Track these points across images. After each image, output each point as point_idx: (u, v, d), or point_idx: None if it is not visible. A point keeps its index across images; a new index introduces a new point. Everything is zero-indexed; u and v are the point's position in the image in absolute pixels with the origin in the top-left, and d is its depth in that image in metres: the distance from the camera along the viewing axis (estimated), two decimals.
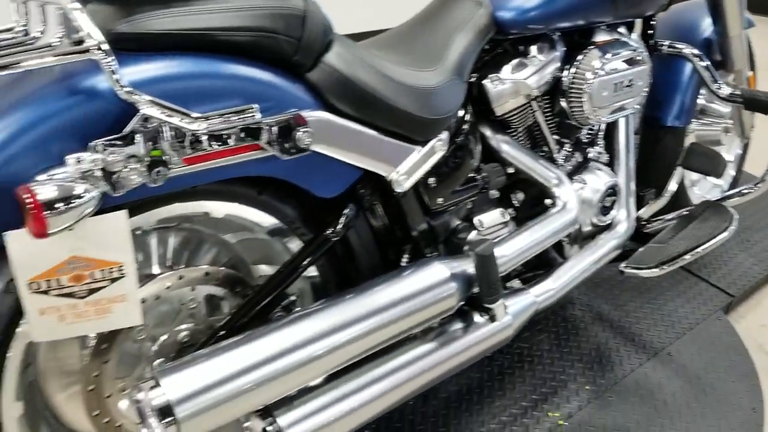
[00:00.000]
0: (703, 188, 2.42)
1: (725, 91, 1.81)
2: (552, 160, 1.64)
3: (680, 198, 2.14)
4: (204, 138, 0.94)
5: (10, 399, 0.93)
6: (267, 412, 1.04)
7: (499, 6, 1.44)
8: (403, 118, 1.19)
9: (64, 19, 0.85)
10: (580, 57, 1.52)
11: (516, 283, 1.56)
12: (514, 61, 1.49)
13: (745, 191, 1.94)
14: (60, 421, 1.07)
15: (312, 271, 1.26)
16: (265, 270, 1.26)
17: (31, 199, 0.76)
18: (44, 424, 1.05)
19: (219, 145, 0.96)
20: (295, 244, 1.23)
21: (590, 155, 1.72)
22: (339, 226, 1.18)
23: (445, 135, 1.30)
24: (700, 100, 2.18)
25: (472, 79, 1.47)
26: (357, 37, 1.34)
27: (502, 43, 1.51)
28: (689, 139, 2.24)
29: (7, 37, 0.91)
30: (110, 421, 1.04)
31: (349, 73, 1.11)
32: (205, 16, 0.97)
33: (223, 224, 1.15)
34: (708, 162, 1.73)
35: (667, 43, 1.84)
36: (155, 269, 1.08)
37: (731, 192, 1.97)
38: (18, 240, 0.80)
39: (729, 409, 1.72)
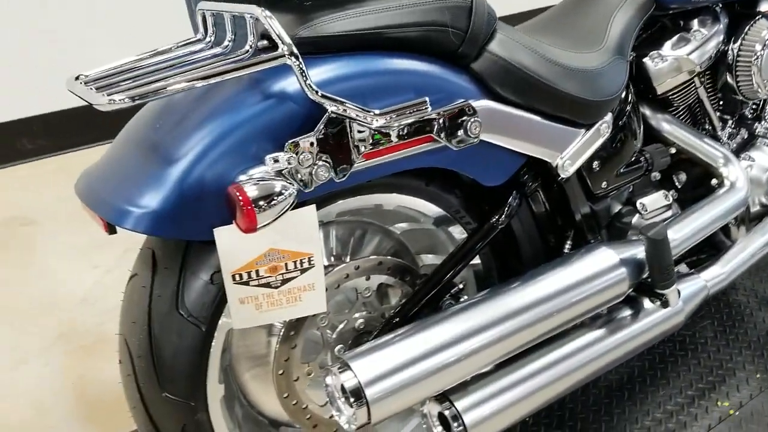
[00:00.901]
0: None
1: None
2: (716, 138, 1.56)
3: None
4: (383, 132, 0.97)
5: (215, 382, 1.01)
6: (444, 397, 1.07)
7: None
8: (568, 101, 1.18)
9: (252, 27, 0.90)
10: (746, 28, 1.44)
11: (683, 268, 1.50)
12: (675, 37, 1.43)
13: None
14: (250, 403, 1.15)
15: (475, 260, 1.27)
16: (430, 259, 1.28)
17: (242, 197, 0.82)
18: (238, 405, 1.13)
19: (395, 140, 0.99)
20: (458, 233, 1.25)
21: (757, 131, 1.62)
22: (503, 214, 1.19)
23: (609, 117, 1.27)
24: None
25: (631, 58, 1.42)
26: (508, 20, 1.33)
27: (661, 19, 1.46)
28: None
29: (198, 48, 0.97)
30: (298, 403, 1.10)
31: (513, 60, 1.11)
32: (378, 15, 1.00)
33: (392, 215, 1.19)
34: None
35: None
36: (331, 259, 1.13)
37: None
38: (226, 235, 0.87)
39: None
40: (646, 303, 1.26)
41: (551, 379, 1.14)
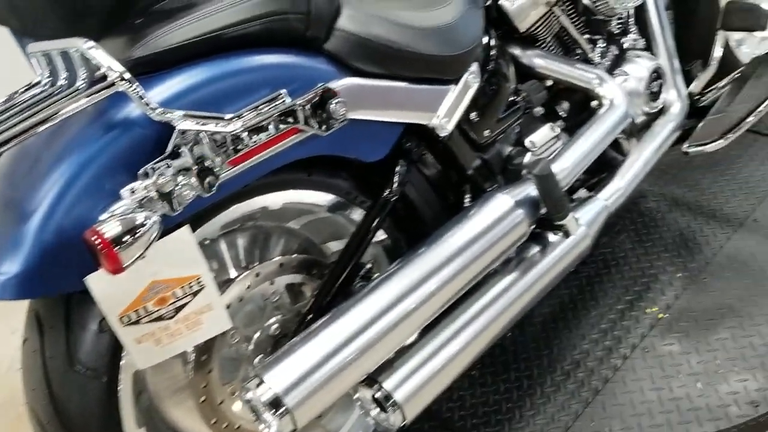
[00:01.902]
0: (751, 45, 2.31)
1: None
2: (589, 61, 1.59)
3: (729, 62, 2.04)
4: (243, 135, 0.95)
5: (133, 427, 0.98)
6: (372, 381, 1.06)
7: None
8: (429, 61, 1.17)
9: (83, 60, 0.86)
10: None
11: (583, 192, 1.53)
12: None
13: None
14: None
15: (380, 235, 1.27)
16: (336, 246, 1.27)
17: (100, 240, 0.78)
18: None
19: (259, 139, 0.96)
20: (357, 214, 1.24)
21: (626, 45, 1.66)
22: (394, 185, 1.18)
23: (475, 66, 1.27)
24: None
25: (489, 2, 1.43)
26: None
27: None
28: None
29: (38, 92, 0.92)
30: (229, 425, 1.09)
31: (365, 33, 1.10)
32: (212, 18, 0.97)
33: (283, 214, 1.17)
34: (748, 17, 1.64)
35: None
36: (233, 273, 1.11)
37: None
38: (98, 281, 0.83)
39: None
40: (551, 236, 1.28)
41: (474, 334, 1.15)
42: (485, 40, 1.36)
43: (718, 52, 1.80)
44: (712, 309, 1.59)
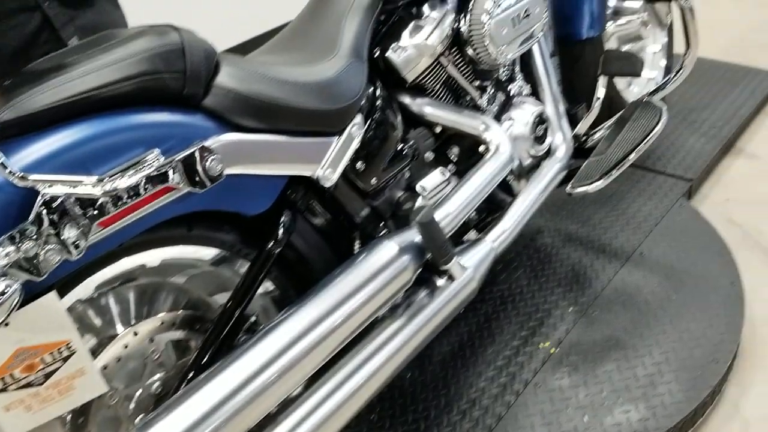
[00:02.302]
0: (639, 85, 2.45)
1: None
2: (477, 107, 1.66)
3: (616, 103, 2.17)
4: (113, 197, 0.95)
5: None
6: None
7: None
8: (311, 115, 1.20)
9: None
10: (471, 3, 1.53)
11: (472, 234, 1.59)
12: (410, 26, 1.49)
13: (667, 84, 1.98)
14: None
15: (269, 287, 1.28)
16: (224, 299, 1.27)
17: None
18: None
19: (130, 200, 0.97)
20: (243, 266, 1.25)
21: (512, 91, 1.74)
22: (279, 237, 1.20)
23: (359, 118, 1.31)
24: (611, 2, 2.19)
25: (377, 54, 1.48)
26: None
27: (396, 12, 1.51)
28: (610, 43, 2.26)
29: None
30: None
31: (244, 89, 1.12)
32: (85, 78, 0.96)
33: (164, 270, 1.17)
34: (625, 64, 1.75)
35: None
36: (110, 333, 1.10)
37: (654, 88, 2.01)
38: None
39: (709, 290, 1.77)
40: (438, 281, 1.32)
41: (361, 382, 1.17)
42: (371, 90, 1.40)
43: (599, 93, 1.90)
44: (600, 342, 1.66)
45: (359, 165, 1.35)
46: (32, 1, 1.38)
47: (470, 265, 1.37)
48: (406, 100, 1.53)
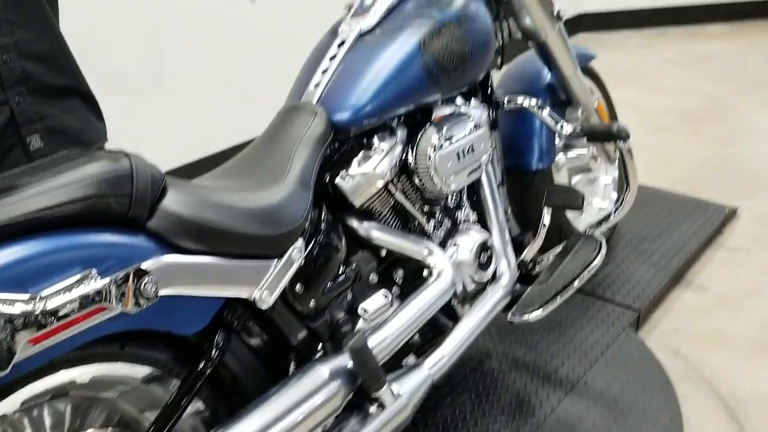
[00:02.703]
0: (591, 214, 2.55)
1: (567, 130, 1.95)
2: (424, 232, 1.72)
3: (566, 230, 2.26)
4: (46, 314, 0.97)
5: None
6: None
7: (333, 110, 1.54)
8: (251, 240, 1.25)
9: None
10: (418, 137, 1.63)
11: (411, 359, 1.61)
12: (360, 155, 1.58)
13: (608, 219, 2.07)
14: None
15: (199, 406, 1.28)
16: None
17: None
18: None
19: (63, 318, 0.99)
20: (175, 385, 1.26)
21: (459, 218, 1.81)
22: (211, 356, 1.22)
23: (300, 242, 1.36)
24: (561, 136, 2.31)
25: (327, 179, 1.55)
26: None
27: (348, 141, 1.60)
28: (561, 174, 2.38)
29: None
30: None
31: (187, 213, 1.17)
32: (34, 199, 1.01)
33: (95, 386, 1.17)
34: (566, 198, 1.84)
35: (506, 98, 1.98)
36: None
37: (597, 221, 2.10)
38: None
39: (648, 425, 1.78)
40: (369, 408, 1.34)
41: None
42: (315, 215, 1.46)
43: (546, 223, 1.98)
44: None
45: (298, 287, 1.39)
46: (2, 96, 1.43)
47: (404, 392, 1.39)
48: (354, 223, 1.59)
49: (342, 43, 1.66)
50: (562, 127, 1.96)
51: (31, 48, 1.44)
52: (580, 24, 6.09)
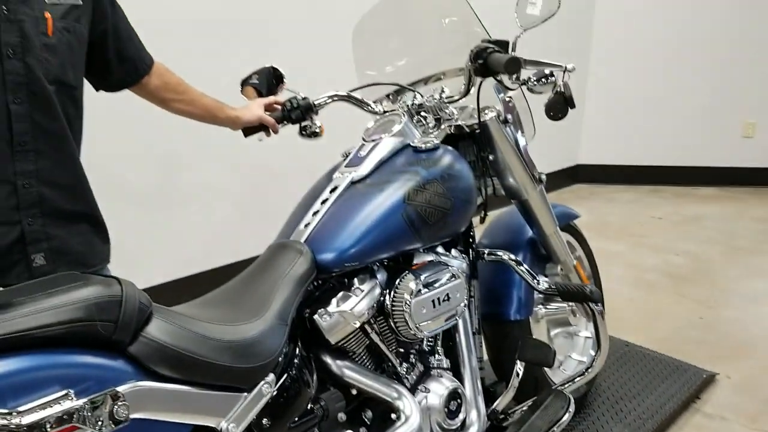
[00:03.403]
0: (569, 366, 2.60)
1: (543, 286, 2.05)
2: (396, 374, 1.78)
3: (541, 383, 2.30)
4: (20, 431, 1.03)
5: None
6: None
7: (318, 250, 1.65)
8: (224, 371, 1.32)
9: None
10: (397, 282, 1.72)
11: None
12: (340, 294, 1.67)
13: (578, 377, 2.12)
14: None
15: None
16: None
17: None
18: None
19: None
20: None
21: (432, 363, 1.87)
22: None
23: (271, 377, 1.42)
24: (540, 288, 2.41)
25: (306, 315, 1.63)
26: None
27: (329, 280, 1.70)
28: (540, 326, 2.45)
29: None
30: None
31: (167, 341, 1.25)
32: (24, 319, 1.09)
33: None
34: (538, 353, 1.90)
35: (486, 251, 2.09)
36: None
37: (567, 378, 2.15)
38: None
39: None
40: None
41: None
42: (290, 350, 1.53)
43: (519, 374, 2.03)
44: None
45: (265, 421, 1.43)
46: (16, 216, 1.55)
47: None
48: (327, 360, 1.65)
49: (334, 189, 1.80)
50: (538, 282, 2.06)
51: (50, 176, 1.58)
52: (575, 175, 6.36)
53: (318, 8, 3.94)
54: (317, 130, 2.15)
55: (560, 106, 1.79)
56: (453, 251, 1.97)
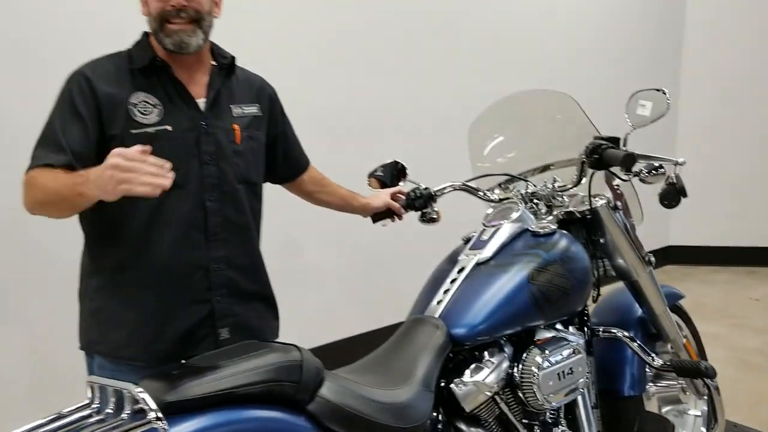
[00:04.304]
0: None
1: (658, 362, 2.15)
2: None
3: None
4: None
5: None
6: None
7: (452, 325, 1.83)
8: (384, 430, 1.50)
9: (129, 398, 1.20)
10: (524, 355, 1.88)
11: None
12: (472, 366, 1.83)
13: None
14: None
15: None
16: None
17: None
18: None
19: None
20: None
21: None
22: None
23: None
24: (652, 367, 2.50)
25: (442, 384, 1.80)
26: None
27: (461, 352, 1.88)
28: (651, 403, 2.52)
29: (86, 413, 1.25)
30: None
31: (340, 402, 1.45)
32: (230, 378, 1.33)
33: None
34: (658, 427, 1.99)
35: (601, 329, 2.23)
36: None
37: None
38: None
39: None
40: None
41: None
42: (434, 415, 1.70)
43: None
44: None
45: None
46: (207, 296, 1.81)
47: None
48: (462, 426, 1.80)
49: (461, 270, 2.00)
50: (653, 359, 2.17)
51: (236, 261, 1.86)
52: (667, 256, 6.35)
53: (426, 113, 4.31)
54: (435, 216, 2.37)
55: (673, 195, 1.96)
56: (570, 328, 2.11)
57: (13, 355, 2.90)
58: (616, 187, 2.26)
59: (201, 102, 1.83)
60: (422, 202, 2.34)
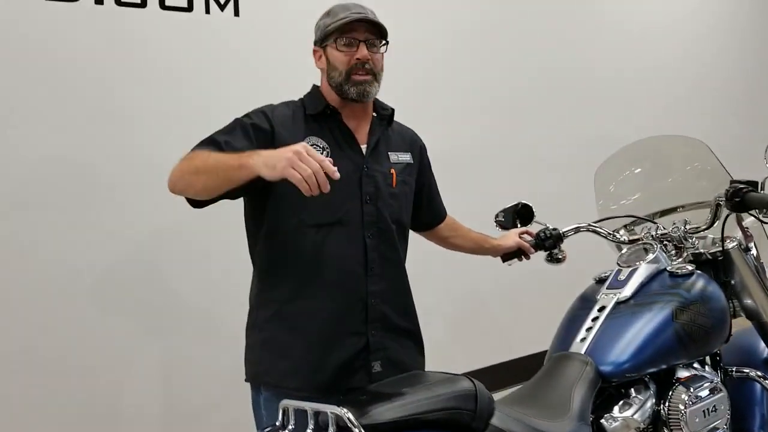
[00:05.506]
0: None
1: None
2: None
3: None
4: None
5: None
6: None
7: (600, 361, 1.91)
8: None
9: (332, 421, 1.33)
10: (670, 393, 1.94)
11: None
12: (620, 402, 1.91)
13: None
14: None
15: None
16: None
17: None
18: None
19: None
20: None
21: None
22: None
23: None
24: None
25: (591, 419, 1.88)
26: None
27: (608, 389, 1.95)
28: None
29: None
30: None
31: (510, 431, 1.55)
32: (415, 404, 1.45)
33: None
34: None
35: (734, 368, 2.26)
36: None
37: None
38: None
39: None
40: None
41: None
42: None
43: None
44: None
45: None
46: (363, 329, 1.95)
47: None
48: None
49: (602, 308, 2.08)
50: None
51: (389, 296, 1.99)
52: None
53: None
54: (561, 257, 2.47)
55: None
56: (706, 368, 2.16)
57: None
58: (746, 228, 2.31)
59: (363, 147, 2.00)
60: (552, 243, 2.43)
